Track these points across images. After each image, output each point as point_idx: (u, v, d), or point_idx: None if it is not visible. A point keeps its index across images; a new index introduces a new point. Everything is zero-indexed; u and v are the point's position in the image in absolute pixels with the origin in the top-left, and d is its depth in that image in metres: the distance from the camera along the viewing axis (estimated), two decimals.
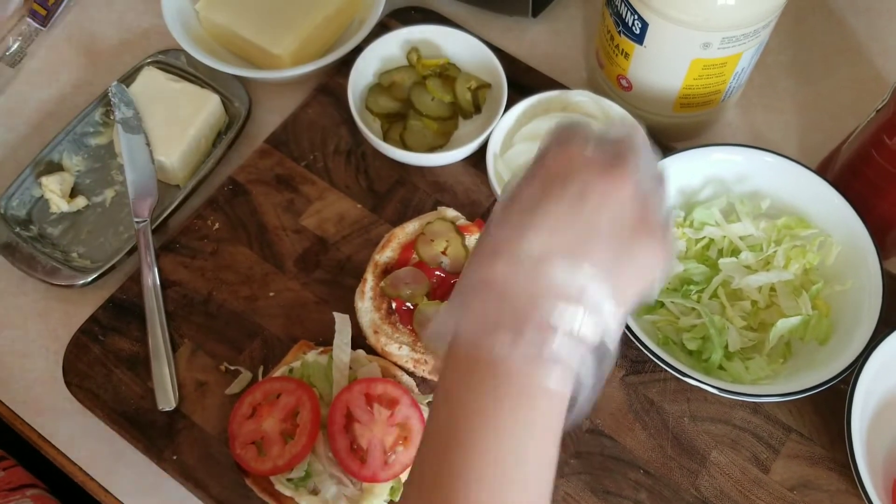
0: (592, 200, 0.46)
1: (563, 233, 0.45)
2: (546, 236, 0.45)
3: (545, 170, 0.48)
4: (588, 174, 0.47)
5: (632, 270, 0.47)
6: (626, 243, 0.46)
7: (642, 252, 0.47)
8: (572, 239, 0.45)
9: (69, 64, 0.97)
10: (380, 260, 0.78)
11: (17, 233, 0.83)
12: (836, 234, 0.78)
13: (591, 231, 0.46)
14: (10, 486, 0.78)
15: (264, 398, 0.71)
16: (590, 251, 0.45)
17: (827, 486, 0.73)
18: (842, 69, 0.97)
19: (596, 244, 0.45)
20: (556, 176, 0.47)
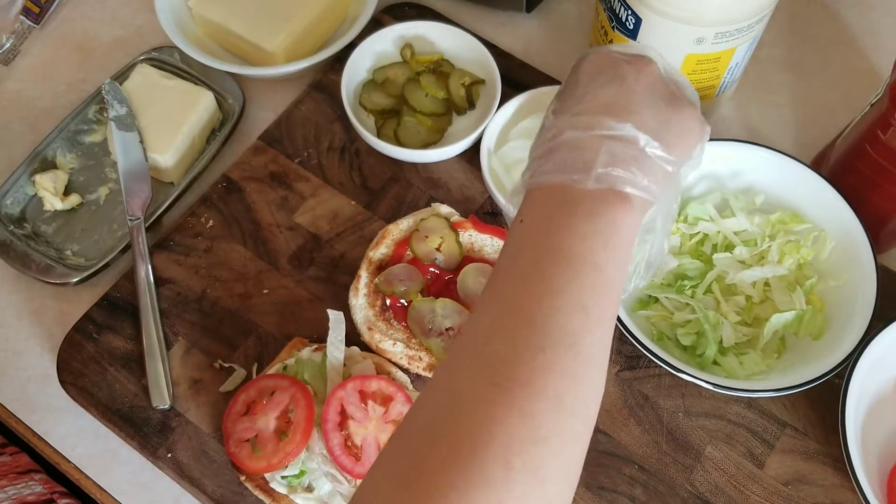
0: (629, 77, 0.54)
1: (611, 103, 0.52)
2: (598, 107, 0.52)
3: (584, 70, 0.56)
4: (621, 63, 0.55)
5: (675, 131, 0.53)
6: (665, 110, 0.53)
7: (681, 116, 0.54)
8: (620, 105, 0.52)
9: (62, 61, 0.97)
10: (374, 257, 0.78)
11: (11, 231, 0.83)
12: (830, 229, 0.78)
13: (633, 99, 0.53)
14: (18, 469, 0.78)
15: (258, 395, 0.71)
16: (637, 114, 0.52)
17: (821, 480, 0.74)
18: (836, 63, 0.97)
19: (640, 108, 0.52)
20: (595, 70, 0.55)
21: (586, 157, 0.50)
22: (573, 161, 0.51)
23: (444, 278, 0.77)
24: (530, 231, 0.50)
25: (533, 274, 0.47)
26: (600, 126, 0.51)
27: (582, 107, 0.53)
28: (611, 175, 0.50)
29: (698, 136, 0.56)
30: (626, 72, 0.54)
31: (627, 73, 0.54)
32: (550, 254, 0.48)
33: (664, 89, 0.55)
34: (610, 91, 0.53)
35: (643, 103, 0.53)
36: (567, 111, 0.54)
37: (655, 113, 0.53)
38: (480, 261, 0.78)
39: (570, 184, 0.50)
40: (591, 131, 0.51)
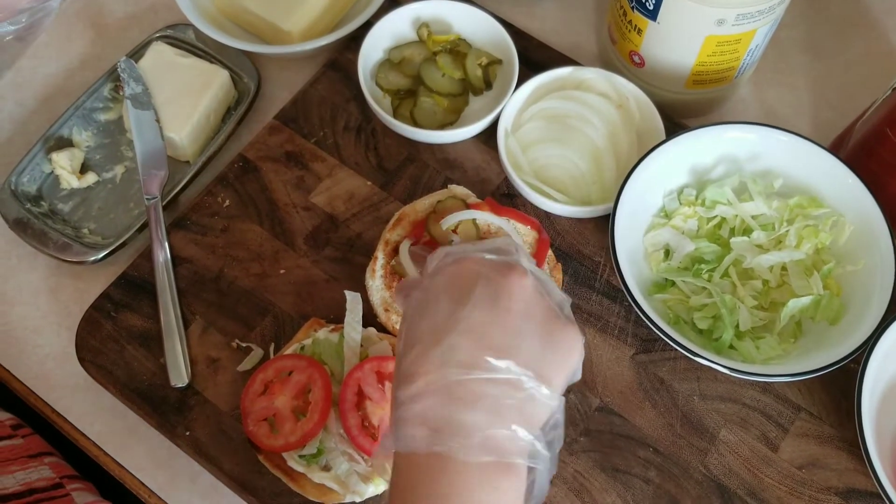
0: (503, 300, 0.48)
1: (487, 336, 0.47)
2: (472, 341, 0.47)
3: (448, 282, 0.50)
4: (491, 276, 0.49)
5: (556, 357, 0.49)
6: (544, 336, 0.49)
7: (561, 339, 0.50)
8: (497, 338, 0.47)
9: (77, 38, 0.97)
10: (390, 238, 0.78)
11: (28, 209, 0.83)
12: (848, 214, 0.77)
13: (511, 328, 0.47)
14: (28, 452, 0.79)
15: (276, 375, 0.72)
16: (516, 348, 0.47)
17: (835, 464, 0.74)
18: (856, 44, 0.96)
19: (520, 341, 0.47)
20: (462, 283, 0.49)
21: (463, 414, 0.45)
22: (448, 417, 0.45)
23: None
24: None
25: None
26: (477, 366, 0.46)
27: (452, 339, 0.47)
28: (496, 441, 0.45)
29: (579, 356, 0.51)
30: (497, 289, 0.49)
31: (502, 295, 0.48)
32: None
33: (540, 308, 0.50)
34: (483, 317, 0.47)
35: (522, 332, 0.48)
36: (434, 341, 0.47)
37: (535, 341, 0.48)
38: None
39: (446, 453, 0.45)
40: (467, 374, 0.45)
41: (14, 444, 0.79)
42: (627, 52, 0.86)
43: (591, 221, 0.83)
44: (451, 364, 0.46)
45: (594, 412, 0.75)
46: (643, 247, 0.79)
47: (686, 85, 0.85)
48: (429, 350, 0.47)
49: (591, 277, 0.81)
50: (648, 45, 0.83)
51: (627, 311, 0.79)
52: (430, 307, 0.50)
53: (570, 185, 0.83)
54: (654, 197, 0.80)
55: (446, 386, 0.46)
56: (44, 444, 0.81)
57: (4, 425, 0.80)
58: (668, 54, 0.82)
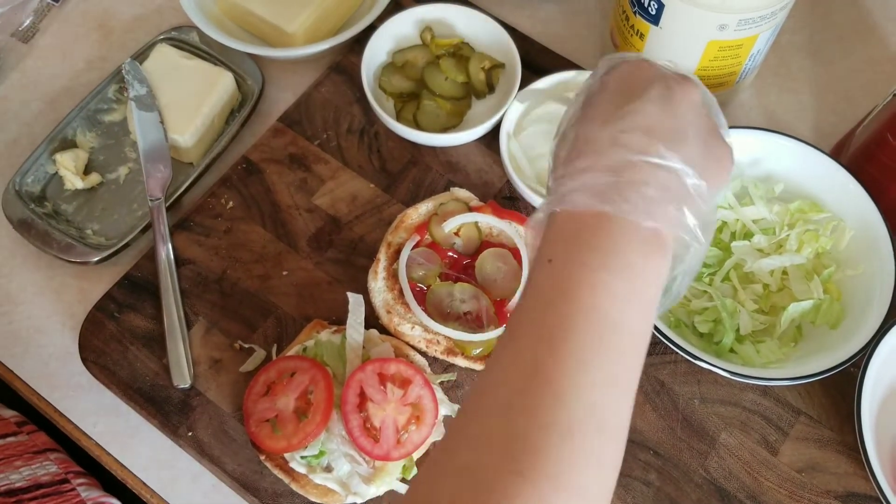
0: (676, 100, 0.49)
1: (658, 128, 0.48)
2: (644, 129, 0.47)
3: (621, 79, 0.51)
4: (667, 79, 0.50)
5: (714, 166, 0.50)
6: (708, 142, 0.50)
7: (720, 153, 0.51)
8: (667, 133, 0.48)
9: (82, 40, 0.97)
10: (393, 240, 0.78)
11: (32, 209, 0.83)
12: (849, 219, 0.78)
13: (680, 129, 0.48)
14: (34, 448, 0.79)
15: (278, 376, 0.72)
16: (682, 145, 0.48)
17: (835, 468, 0.74)
18: (857, 50, 0.96)
19: (686, 140, 0.48)
20: (637, 81, 0.50)
21: (633, 185, 0.45)
22: (617, 186, 0.46)
23: (463, 263, 0.78)
24: (560, 280, 0.45)
25: (562, 340, 0.43)
26: (650, 151, 0.46)
27: (626, 122, 0.48)
28: (661, 212, 0.46)
29: (729, 172, 0.52)
30: (674, 93, 0.49)
31: (675, 96, 0.49)
32: (583, 317, 0.44)
33: (706, 118, 0.51)
34: (657, 110, 0.48)
35: (690, 132, 0.48)
36: (607, 122, 0.48)
37: (700, 145, 0.49)
38: (499, 245, 0.78)
39: (613, 213, 0.45)
40: (638, 155, 0.46)
41: (19, 440, 0.79)
42: None
43: None
44: (622, 145, 0.47)
45: None
46: None
47: None
48: (599, 131, 0.48)
49: None
50: (650, 49, 0.83)
51: None
52: (602, 97, 0.50)
53: None
54: None
55: (617, 164, 0.46)
56: (49, 440, 0.82)
57: (9, 422, 0.81)
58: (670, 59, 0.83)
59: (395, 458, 0.69)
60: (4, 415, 0.81)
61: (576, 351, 0.43)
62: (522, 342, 0.45)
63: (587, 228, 0.46)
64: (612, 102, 0.49)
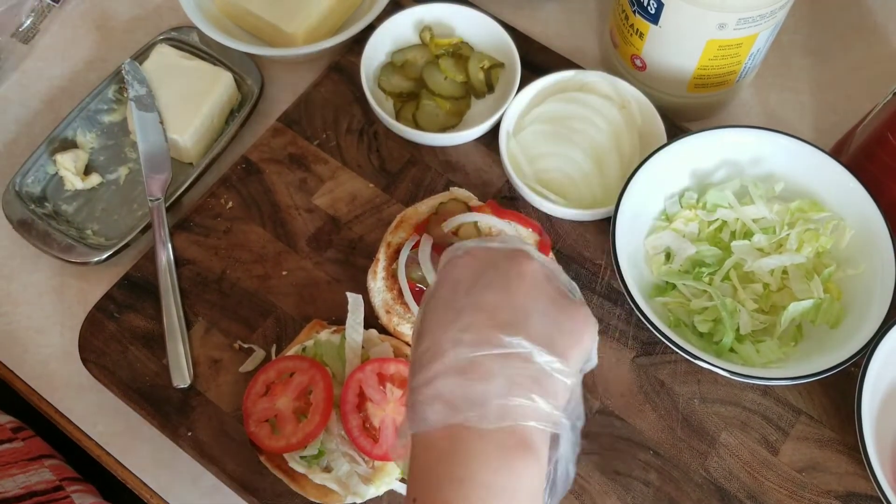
0: (510, 280, 0.49)
1: (495, 316, 0.47)
2: (483, 321, 0.47)
3: (459, 273, 0.51)
4: (499, 262, 0.50)
5: (568, 334, 0.49)
6: (554, 313, 0.49)
7: (571, 317, 0.50)
8: (506, 318, 0.47)
9: (82, 40, 0.97)
10: (392, 240, 0.78)
11: (32, 210, 0.83)
12: (849, 218, 0.77)
13: (519, 309, 0.48)
14: (29, 455, 0.79)
15: (278, 377, 0.72)
16: (527, 325, 0.47)
17: (835, 468, 0.74)
18: (858, 48, 0.96)
19: (528, 318, 0.47)
20: (469, 272, 0.50)
21: (478, 386, 0.45)
22: (464, 391, 0.45)
23: None
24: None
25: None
26: (491, 343, 0.46)
27: (464, 319, 0.47)
28: (512, 407, 0.45)
29: (591, 336, 0.51)
30: (506, 272, 0.49)
31: (509, 275, 0.49)
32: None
33: (549, 288, 0.50)
34: (493, 297, 0.48)
35: (531, 309, 0.48)
36: (447, 322, 0.48)
37: (545, 319, 0.48)
38: None
39: (463, 424, 0.44)
40: (482, 350, 0.46)
41: (14, 447, 0.79)
42: (629, 56, 0.86)
43: (593, 224, 0.83)
44: (463, 344, 0.46)
45: (595, 415, 0.75)
46: (644, 250, 0.80)
47: (688, 88, 0.85)
48: (441, 335, 0.48)
49: (592, 280, 0.81)
50: (650, 48, 0.83)
51: (628, 313, 0.79)
52: (441, 297, 0.50)
53: (571, 186, 0.84)
54: (655, 200, 0.80)
55: (459, 365, 0.46)
56: (45, 446, 0.82)
57: (5, 428, 0.81)
58: (669, 58, 0.83)
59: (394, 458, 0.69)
60: (0, 421, 0.81)
61: None
62: None
63: (443, 456, 0.45)
64: (449, 301, 0.49)
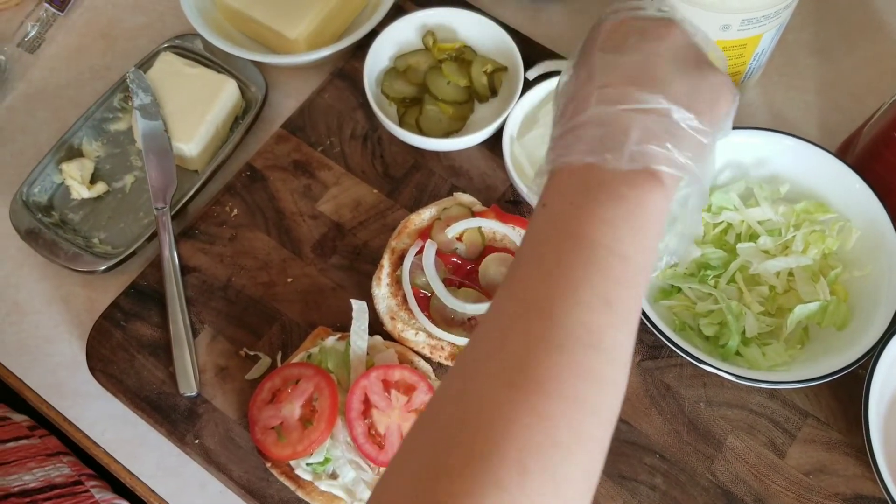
0: (654, 43, 0.50)
1: (637, 75, 0.49)
2: (624, 78, 0.49)
3: (603, 37, 0.52)
4: (645, 28, 0.51)
5: (706, 98, 0.50)
6: (694, 76, 0.50)
7: (710, 83, 0.50)
8: (646, 77, 0.48)
9: (87, 49, 0.98)
10: (396, 246, 0.78)
11: (39, 219, 0.84)
12: (855, 219, 0.77)
13: (659, 70, 0.49)
14: (47, 451, 0.80)
15: (283, 384, 0.72)
16: (664, 85, 0.48)
17: (843, 471, 0.74)
18: (863, 47, 0.95)
19: (666, 80, 0.48)
20: (616, 37, 0.51)
21: (617, 134, 0.47)
22: (602, 138, 0.47)
23: (466, 268, 0.78)
24: (553, 217, 0.47)
25: (553, 266, 0.45)
26: (629, 99, 0.48)
27: (606, 77, 0.49)
28: (646, 152, 0.46)
29: (728, 102, 0.52)
30: (650, 37, 0.50)
31: (651, 39, 0.50)
32: (572, 242, 0.45)
33: (691, 54, 0.51)
34: (635, 59, 0.50)
35: (671, 71, 0.49)
36: (591, 78, 0.50)
37: (685, 81, 0.49)
38: (502, 250, 0.78)
39: (599, 164, 0.46)
40: (620, 105, 0.48)
41: (31, 443, 0.80)
42: None
43: None
44: (606, 99, 0.48)
45: None
46: None
47: None
48: (586, 87, 0.49)
49: None
50: None
51: None
52: (589, 53, 0.52)
53: None
54: None
55: (603, 117, 0.48)
56: (60, 444, 0.82)
57: (21, 426, 0.82)
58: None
59: None
60: (16, 419, 0.82)
61: (566, 273, 0.44)
62: (518, 275, 0.46)
63: (579, 174, 0.47)
64: (596, 58, 0.51)
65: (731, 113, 0.52)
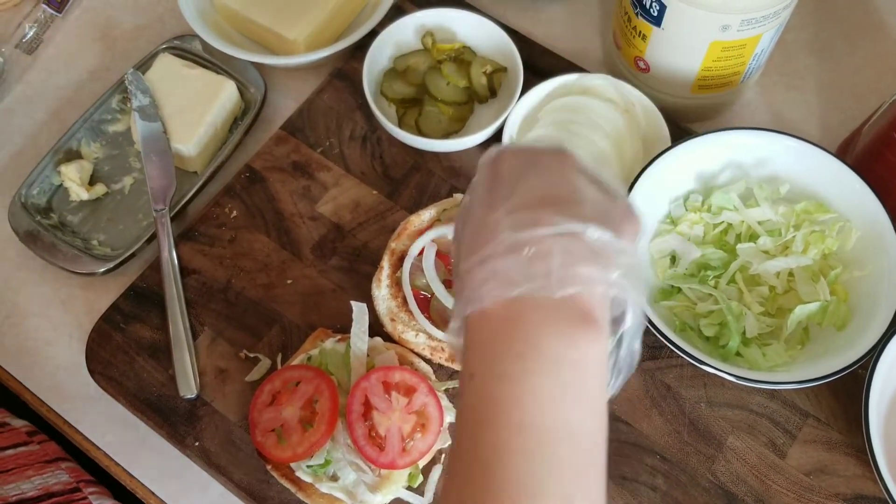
0: (556, 169, 0.48)
1: (546, 196, 0.46)
2: (534, 201, 0.46)
3: (503, 167, 0.50)
4: (543, 156, 0.50)
5: (616, 216, 0.47)
6: (601, 196, 0.48)
7: (617, 203, 0.49)
8: (556, 200, 0.46)
9: (85, 50, 0.98)
10: (396, 248, 0.78)
11: (38, 221, 0.84)
12: (855, 219, 0.77)
13: (569, 192, 0.47)
14: (45, 458, 0.80)
15: (283, 386, 0.72)
16: (576, 206, 0.46)
17: (843, 471, 0.74)
18: (863, 47, 0.95)
19: (579, 201, 0.46)
20: (517, 165, 0.49)
21: (538, 261, 0.43)
22: (521, 267, 0.43)
23: None
24: (485, 398, 0.42)
25: (497, 468, 0.40)
26: (543, 222, 0.44)
27: (514, 202, 0.46)
28: (575, 275, 0.43)
29: (636, 223, 0.49)
30: (550, 164, 0.49)
31: (553, 163, 0.49)
32: (514, 435, 0.40)
33: (592, 177, 0.49)
34: (542, 182, 0.47)
35: (579, 193, 0.47)
36: (495, 206, 0.46)
37: (594, 201, 0.47)
38: None
39: (522, 297, 0.42)
40: (535, 229, 0.43)
41: (30, 450, 0.80)
42: (632, 58, 0.86)
43: None
44: (515, 225, 0.44)
45: None
46: (649, 253, 0.79)
47: (692, 90, 0.85)
48: (490, 218, 0.46)
49: None
50: (653, 50, 0.83)
51: None
52: (486, 186, 0.49)
53: None
54: (659, 203, 0.80)
55: (516, 244, 0.43)
56: (59, 450, 0.82)
57: (20, 432, 0.81)
58: (673, 60, 0.82)
59: (400, 466, 0.69)
60: (15, 424, 0.82)
61: (514, 479, 0.39)
62: (457, 479, 0.42)
63: (502, 329, 0.43)
64: (499, 188, 0.48)
65: (640, 234, 0.50)
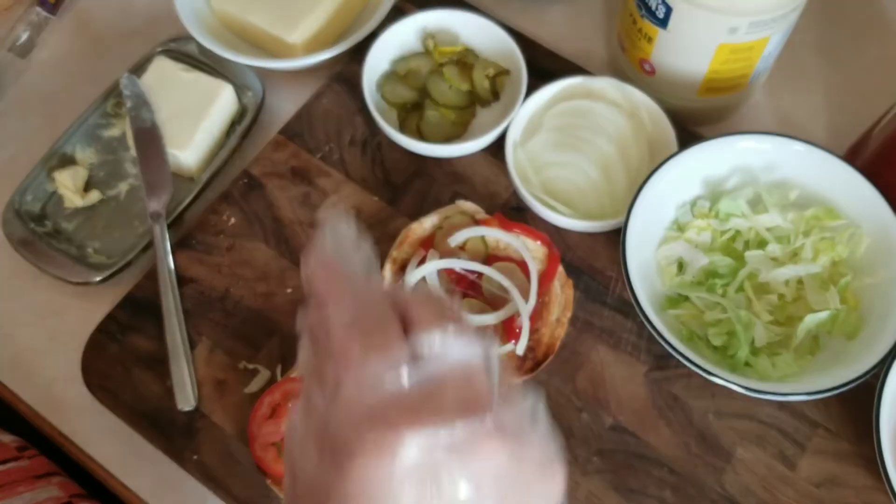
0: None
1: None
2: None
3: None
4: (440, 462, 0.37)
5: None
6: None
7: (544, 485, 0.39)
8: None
9: (80, 53, 0.96)
10: (397, 257, 0.77)
11: (32, 229, 0.82)
12: (866, 226, 0.75)
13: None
14: (35, 473, 0.78)
15: (283, 399, 0.71)
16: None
17: (854, 482, 0.72)
18: (872, 48, 0.94)
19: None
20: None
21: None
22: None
23: (469, 278, 0.76)
24: None
25: None
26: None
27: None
28: None
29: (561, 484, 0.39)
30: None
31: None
32: None
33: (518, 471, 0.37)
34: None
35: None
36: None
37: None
38: (506, 259, 0.77)
39: None
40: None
41: (20, 465, 0.78)
42: (638, 60, 0.85)
43: (603, 235, 0.81)
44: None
45: (607, 431, 0.74)
46: (656, 261, 0.78)
47: (698, 93, 0.84)
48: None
49: (603, 293, 0.79)
50: (659, 53, 0.81)
51: (640, 327, 0.78)
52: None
53: (580, 197, 0.82)
54: (666, 209, 0.79)
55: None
56: (50, 464, 0.81)
57: (10, 447, 0.80)
58: (679, 63, 0.81)
59: None
60: (4, 440, 0.80)
61: None
62: None
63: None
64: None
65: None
